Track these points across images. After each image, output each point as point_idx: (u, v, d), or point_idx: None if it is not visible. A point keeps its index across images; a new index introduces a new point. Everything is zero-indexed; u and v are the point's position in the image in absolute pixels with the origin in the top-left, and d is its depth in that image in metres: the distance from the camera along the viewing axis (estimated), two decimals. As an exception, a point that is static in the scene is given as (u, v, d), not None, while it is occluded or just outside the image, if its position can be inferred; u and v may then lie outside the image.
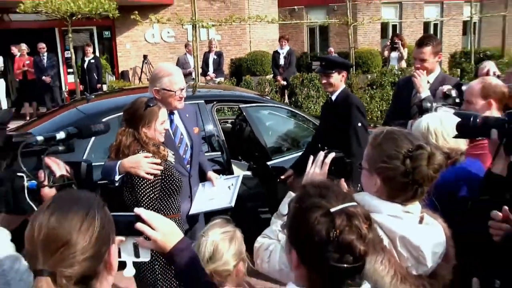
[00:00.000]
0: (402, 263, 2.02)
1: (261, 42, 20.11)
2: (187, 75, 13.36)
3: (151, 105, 3.71)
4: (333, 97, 4.92)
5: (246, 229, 5.80)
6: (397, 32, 21.74)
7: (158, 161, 3.64)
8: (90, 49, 15.20)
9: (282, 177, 5.24)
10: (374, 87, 12.67)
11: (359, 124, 4.72)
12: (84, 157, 5.15)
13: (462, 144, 3.04)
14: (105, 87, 15.29)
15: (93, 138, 5.21)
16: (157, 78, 4.09)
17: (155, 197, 3.65)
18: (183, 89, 4.12)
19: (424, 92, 4.58)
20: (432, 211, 2.24)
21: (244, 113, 5.63)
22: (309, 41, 25.11)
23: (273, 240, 2.44)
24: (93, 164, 2.35)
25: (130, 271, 1.86)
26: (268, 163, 5.44)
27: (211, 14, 16.12)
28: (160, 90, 4.06)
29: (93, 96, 6.52)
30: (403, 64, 14.13)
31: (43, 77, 14.72)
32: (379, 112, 11.89)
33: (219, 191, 4.40)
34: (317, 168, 2.42)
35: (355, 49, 15.35)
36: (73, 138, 2.31)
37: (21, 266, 1.81)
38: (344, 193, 1.73)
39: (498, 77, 4.88)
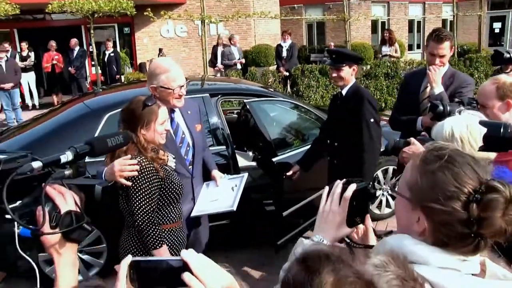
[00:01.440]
0: None
1: (264, 37, 19.52)
2: (231, 66, 13.12)
3: (150, 104, 2.88)
4: (344, 92, 4.07)
5: (250, 218, 5.22)
6: (386, 28, 20.95)
7: (134, 161, 2.77)
8: (110, 44, 14.82)
9: (288, 173, 4.40)
10: (369, 78, 11.92)
11: (372, 120, 3.89)
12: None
13: (492, 153, 2.20)
14: (123, 78, 14.89)
15: (98, 131, 4.43)
16: (154, 75, 3.23)
17: (151, 209, 2.81)
18: (182, 86, 3.26)
19: (438, 88, 3.74)
20: None
21: (249, 108, 4.76)
22: (308, 36, 24.36)
23: None
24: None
25: None
26: (274, 159, 4.58)
27: (219, 11, 15.45)
28: (158, 87, 3.22)
29: (101, 90, 5.68)
30: (396, 54, 13.24)
31: (69, 68, 14.55)
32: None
33: (223, 192, 3.56)
34: (334, 205, 1.53)
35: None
36: (83, 158, 1.44)
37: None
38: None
39: None
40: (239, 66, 13.28)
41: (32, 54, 15.41)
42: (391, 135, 4.10)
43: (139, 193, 2.76)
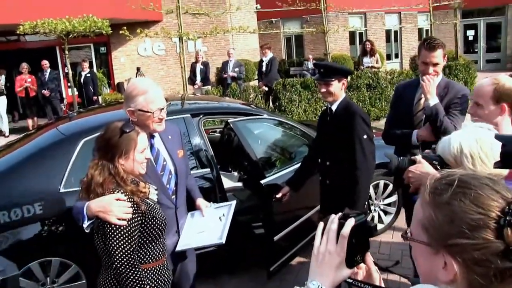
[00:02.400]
0: None
1: (243, 52, 19.34)
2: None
3: (127, 130, 2.61)
4: (334, 107, 3.82)
5: (239, 243, 4.96)
6: (363, 39, 21.02)
7: (130, 205, 2.52)
8: (85, 64, 14.40)
9: (278, 196, 4.15)
10: (351, 89, 11.80)
11: (365, 136, 3.65)
12: (62, 184, 4.05)
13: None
14: (100, 99, 14.53)
15: (73, 159, 4.15)
16: (131, 97, 2.94)
17: (131, 249, 2.51)
18: (162, 108, 2.99)
19: (433, 99, 3.54)
20: None
21: (232, 126, 4.51)
22: (286, 49, 24.32)
23: None
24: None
25: None
26: (262, 181, 4.33)
27: (197, 28, 15.22)
28: (136, 111, 2.93)
29: (75, 114, 5.38)
30: (377, 64, 13.16)
31: (43, 91, 14.15)
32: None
33: (209, 223, 3.27)
34: (330, 245, 1.30)
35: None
36: None
37: None
38: None
39: None
40: (229, 80, 13.10)
41: (3, 78, 15.02)
42: (383, 150, 3.88)
43: (118, 231, 2.48)
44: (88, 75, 14.05)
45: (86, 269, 4.19)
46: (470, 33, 25.33)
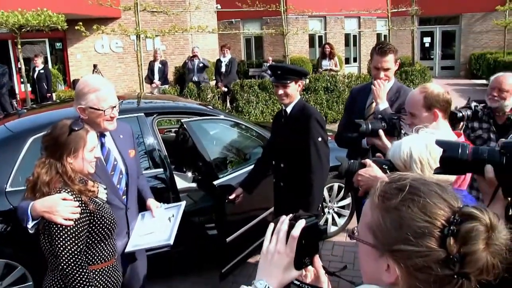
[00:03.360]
0: None
1: (202, 52, 18.90)
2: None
3: (77, 128, 2.57)
4: (289, 109, 3.83)
5: (192, 244, 4.94)
6: (323, 42, 21.23)
7: (77, 204, 2.46)
8: (38, 60, 13.79)
9: (231, 197, 4.15)
10: (309, 92, 11.91)
11: (319, 139, 3.67)
12: (9, 183, 3.94)
13: (451, 175, 2.04)
14: (54, 96, 14.08)
15: (21, 157, 4.04)
16: (82, 94, 2.89)
17: (78, 250, 2.45)
18: (114, 106, 2.95)
19: (382, 103, 3.62)
20: None
21: (186, 127, 4.48)
22: (246, 51, 24.28)
23: None
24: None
25: None
26: (215, 182, 4.32)
27: (156, 26, 15.02)
28: (86, 108, 2.88)
29: (25, 111, 5.23)
30: (336, 68, 13.32)
31: None
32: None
33: (159, 224, 3.24)
34: (280, 245, 1.31)
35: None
36: None
37: None
38: None
39: None
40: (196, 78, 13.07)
41: None
42: (337, 153, 3.94)
43: (64, 231, 2.42)
44: (42, 71, 13.56)
45: (33, 271, 4.08)
46: (427, 40, 25.99)
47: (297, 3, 15.67)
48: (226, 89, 12.53)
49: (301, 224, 1.30)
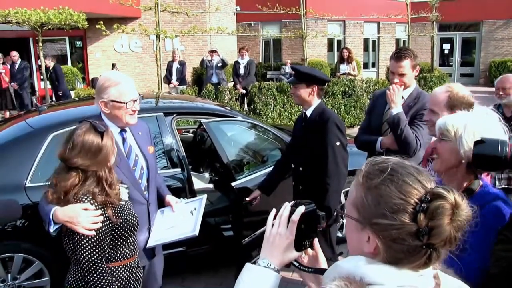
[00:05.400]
0: None
1: (221, 53, 19.06)
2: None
3: (101, 130, 2.52)
4: (308, 113, 3.84)
5: (207, 245, 4.94)
6: (341, 46, 21.19)
7: (98, 213, 2.46)
8: (48, 61, 13.60)
9: (248, 199, 4.14)
10: (326, 96, 11.88)
11: (338, 143, 3.67)
12: (29, 179, 3.98)
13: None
14: (73, 94, 14.19)
15: (41, 153, 4.08)
16: (103, 89, 2.92)
17: (99, 257, 2.45)
18: (135, 100, 2.97)
19: (396, 108, 3.61)
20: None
21: (205, 127, 4.49)
22: (264, 53, 24.38)
23: None
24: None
25: None
26: (233, 184, 4.31)
27: (175, 26, 15.08)
28: (109, 102, 2.91)
29: (45, 108, 5.28)
30: (354, 72, 13.25)
31: (11, 84, 13.86)
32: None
33: (180, 218, 3.24)
34: (281, 228, 1.44)
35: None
36: None
37: None
38: None
39: None
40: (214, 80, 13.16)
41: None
42: (357, 157, 3.92)
43: (85, 240, 2.42)
44: (52, 70, 13.55)
45: (50, 266, 4.12)
46: (446, 46, 25.79)
47: (317, 7, 15.66)
48: (244, 91, 12.56)
49: (300, 210, 1.43)
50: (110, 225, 2.52)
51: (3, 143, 4.30)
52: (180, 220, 3.23)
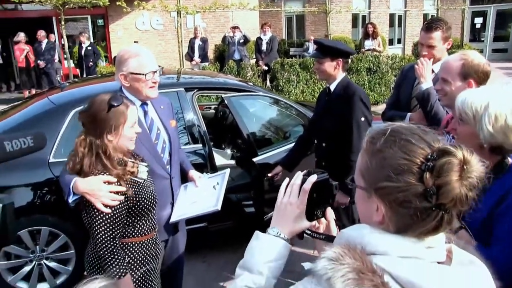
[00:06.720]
0: None
1: (242, 30, 18.97)
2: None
3: (116, 104, 2.48)
4: (332, 87, 3.80)
5: (229, 221, 4.98)
6: (366, 22, 20.83)
7: (124, 189, 2.47)
8: (83, 37, 14.13)
9: (269, 175, 4.15)
10: (350, 72, 11.74)
11: (362, 119, 3.61)
12: (52, 154, 4.07)
13: None
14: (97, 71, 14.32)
15: (63, 129, 4.16)
16: (123, 61, 2.94)
17: (113, 235, 2.45)
18: (155, 72, 2.97)
19: (426, 83, 3.49)
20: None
21: (227, 103, 4.50)
22: (287, 30, 24.05)
23: None
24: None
25: None
26: (255, 159, 4.33)
27: (196, 2, 15.01)
28: (128, 74, 2.93)
29: (67, 84, 5.36)
30: (379, 48, 13.03)
31: (38, 62, 14.20)
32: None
33: (203, 192, 3.26)
34: (292, 197, 1.42)
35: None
36: None
37: None
38: None
39: None
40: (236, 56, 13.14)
41: (-3, 46, 14.87)
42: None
43: (101, 217, 2.43)
44: (89, 48, 13.90)
45: (74, 240, 4.24)
46: (478, 20, 24.60)
47: (341, -19, 15.46)
48: (266, 68, 12.50)
49: (312, 178, 1.41)
50: (126, 202, 2.51)
51: (27, 120, 4.40)
52: (203, 195, 3.25)
